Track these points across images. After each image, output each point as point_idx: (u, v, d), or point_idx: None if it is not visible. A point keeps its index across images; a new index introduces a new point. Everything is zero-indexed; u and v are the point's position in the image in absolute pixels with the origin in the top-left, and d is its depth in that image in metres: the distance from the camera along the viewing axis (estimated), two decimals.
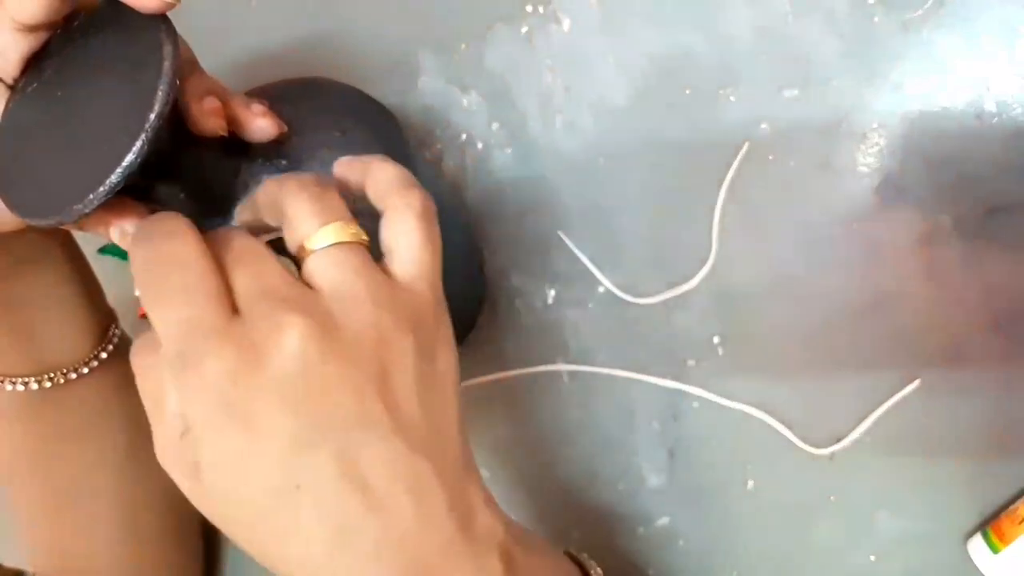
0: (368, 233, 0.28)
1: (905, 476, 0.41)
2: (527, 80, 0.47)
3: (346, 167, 0.30)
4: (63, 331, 0.41)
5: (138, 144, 0.26)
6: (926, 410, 0.40)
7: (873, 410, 0.41)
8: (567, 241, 0.46)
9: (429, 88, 0.49)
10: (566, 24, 0.46)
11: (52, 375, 0.40)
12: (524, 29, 0.47)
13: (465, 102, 0.48)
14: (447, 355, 0.28)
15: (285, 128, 0.33)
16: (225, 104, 0.32)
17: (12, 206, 0.28)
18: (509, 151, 0.48)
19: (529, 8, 0.46)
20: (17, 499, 0.45)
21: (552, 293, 0.47)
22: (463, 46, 0.48)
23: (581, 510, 0.47)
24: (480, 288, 0.48)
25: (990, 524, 0.39)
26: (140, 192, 0.30)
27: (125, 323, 0.45)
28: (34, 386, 0.40)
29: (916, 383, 0.41)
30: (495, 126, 0.48)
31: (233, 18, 0.55)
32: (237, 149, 0.33)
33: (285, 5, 0.53)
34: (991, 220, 0.39)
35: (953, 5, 0.39)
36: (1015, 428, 0.39)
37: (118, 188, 0.26)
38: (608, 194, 0.45)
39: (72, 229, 0.32)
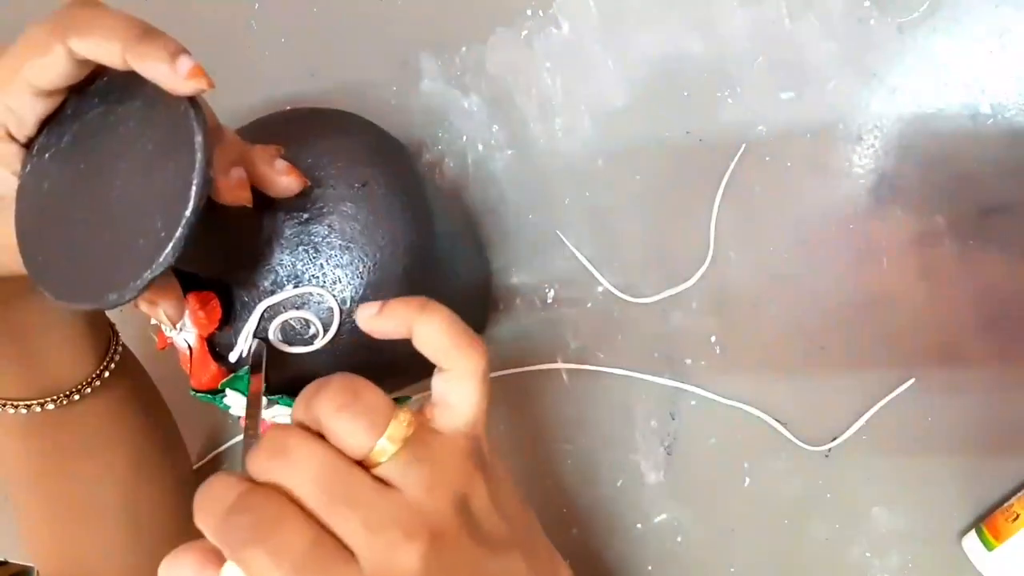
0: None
1: (900, 473, 0.41)
2: (527, 82, 0.47)
3: (391, 312, 0.29)
4: (65, 353, 0.41)
5: (174, 241, 0.26)
6: (921, 408, 0.41)
7: (868, 408, 0.42)
8: (566, 241, 0.47)
9: (430, 90, 0.50)
10: (566, 27, 0.46)
11: (55, 397, 0.40)
12: (524, 32, 0.47)
13: (466, 104, 0.49)
14: (497, 478, 0.29)
15: (308, 183, 0.33)
16: (248, 164, 0.32)
17: (42, 285, 0.28)
18: (509, 152, 0.48)
19: (529, 12, 0.47)
20: (21, 516, 0.45)
21: (551, 292, 0.47)
22: (464, 49, 0.49)
23: (580, 507, 0.47)
24: (489, 293, 0.48)
25: (984, 521, 0.39)
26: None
27: (126, 337, 0.45)
28: (37, 409, 0.40)
29: (911, 382, 0.41)
30: (495, 128, 0.48)
31: (236, 19, 0.55)
32: (259, 203, 0.32)
33: (288, 9, 0.54)
34: (985, 221, 0.40)
35: (948, 8, 0.40)
36: (1009, 426, 0.40)
37: (155, 281, 0.26)
38: (607, 195, 0.46)
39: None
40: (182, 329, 0.35)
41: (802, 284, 0.43)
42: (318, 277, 0.34)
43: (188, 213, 0.26)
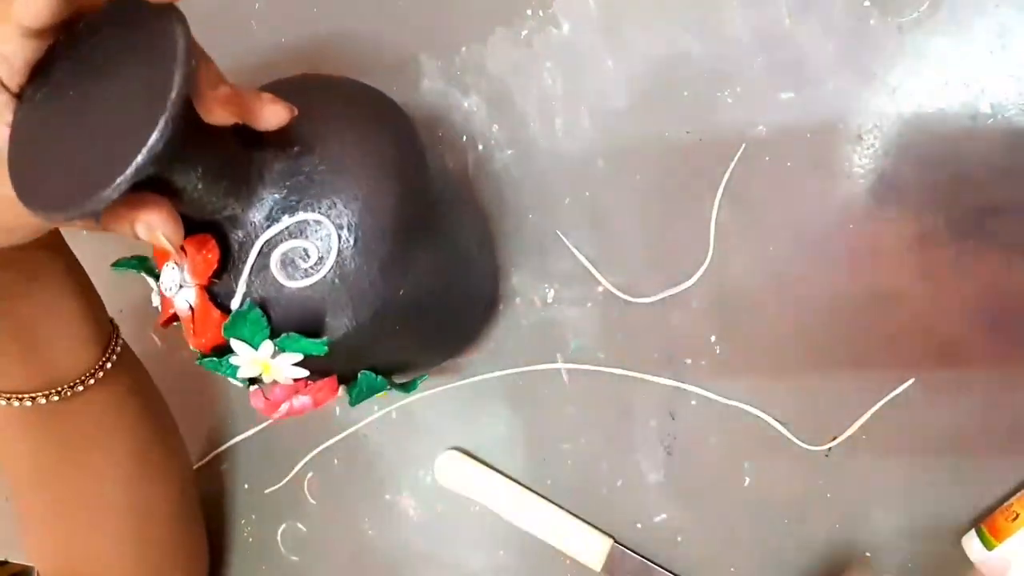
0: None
1: (900, 473, 0.41)
2: (527, 82, 0.47)
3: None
4: (66, 346, 0.41)
5: (160, 124, 0.25)
6: (920, 408, 0.41)
7: (868, 408, 0.42)
8: (566, 241, 0.47)
9: (430, 90, 0.50)
10: (566, 27, 0.46)
11: (58, 389, 0.40)
12: (524, 32, 0.47)
13: (466, 104, 0.49)
14: None
15: (296, 111, 0.33)
16: (235, 93, 0.32)
17: (36, 207, 0.28)
18: (509, 152, 0.48)
19: (529, 12, 0.47)
20: (23, 511, 0.45)
21: (551, 292, 0.47)
22: (464, 49, 0.49)
23: (580, 506, 0.47)
24: (495, 282, 0.49)
25: (984, 521, 0.39)
26: (158, 185, 0.30)
27: (126, 333, 0.45)
28: (42, 401, 0.40)
29: (910, 382, 0.41)
30: (495, 128, 0.48)
31: (236, 22, 0.56)
32: (249, 139, 0.33)
33: (288, 9, 0.54)
34: (985, 220, 0.40)
35: (948, 8, 0.40)
36: (1009, 426, 0.40)
37: (145, 170, 0.26)
38: (606, 195, 0.46)
39: (97, 230, 0.32)
40: (182, 287, 0.35)
41: (802, 284, 0.43)
42: (312, 205, 0.33)
43: (172, 95, 0.26)
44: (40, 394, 0.40)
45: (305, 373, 0.36)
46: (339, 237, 0.33)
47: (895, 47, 0.40)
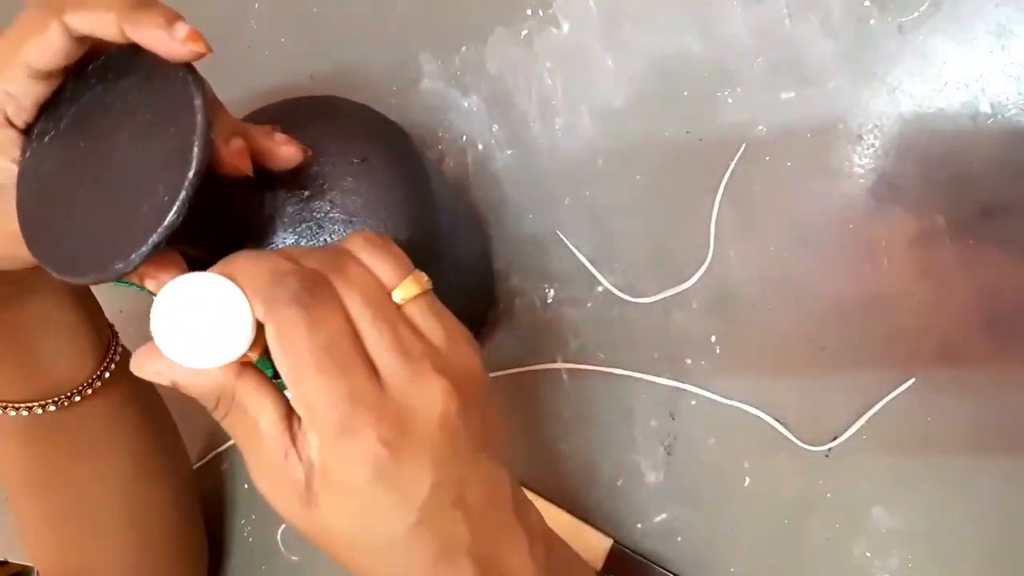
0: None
1: (900, 473, 0.41)
2: (527, 82, 0.47)
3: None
4: (65, 354, 0.41)
5: (178, 203, 0.26)
6: (920, 408, 0.41)
7: (868, 408, 0.42)
8: (566, 241, 0.47)
9: (430, 90, 0.50)
10: (565, 27, 0.46)
11: (55, 400, 0.40)
12: (524, 32, 0.47)
13: (466, 104, 0.49)
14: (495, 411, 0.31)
15: (309, 152, 0.33)
16: (247, 138, 0.31)
17: (49, 265, 0.28)
18: (509, 152, 0.48)
19: (529, 11, 0.47)
20: (22, 520, 0.45)
21: (551, 292, 0.47)
22: (464, 49, 0.49)
23: (580, 506, 0.47)
24: (492, 287, 0.48)
25: None
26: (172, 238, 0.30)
27: (125, 339, 0.45)
28: (38, 411, 0.40)
29: (911, 381, 0.41)
30: (495, 128, 0.48)
31: (235, 20, 0.56)
32: (260, 183, 0.33)
33: (288, 10, 0.54)
34: (985, 220, 0.40)
35: (948, 8, 0.40)
36: (1008, 425, 0.40)
37: (161, 246, 0.26)
38: (606, 195, 0.46)
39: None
40: None
41: (802, 284, 0.43)
42: None
43: (191, 174, 0.26)
44: (37, 404, 0.40)
45: None
46: None
47: (895, 47, 0.40)
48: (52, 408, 0.40)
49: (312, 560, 0.54)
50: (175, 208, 0.26)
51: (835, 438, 0.42)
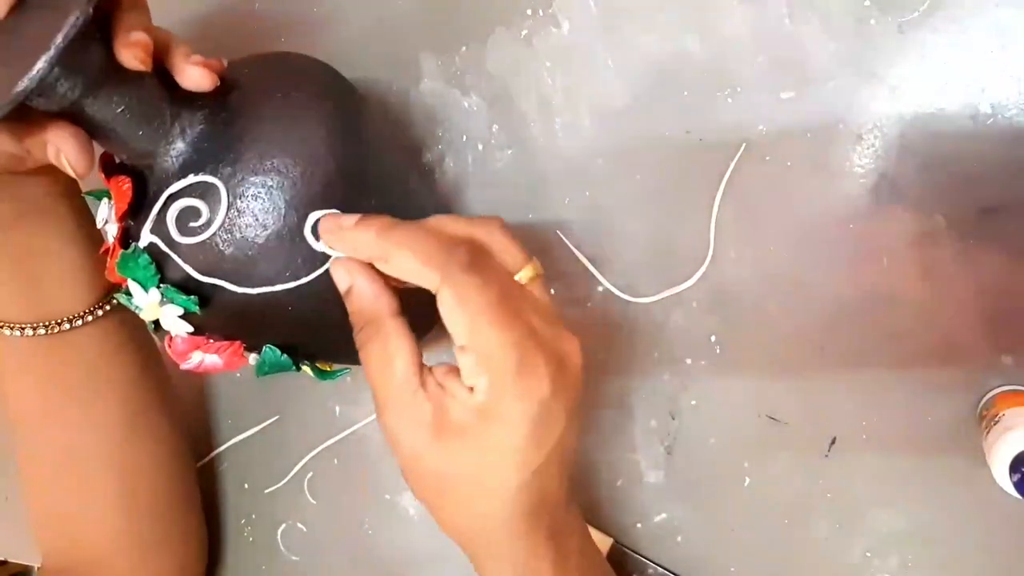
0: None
1: (900, 473, 0.41)
2: (527, 82, 0.47)
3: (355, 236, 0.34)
4: (64, 282, 0.43)
5: (49, 52, 0.29)
6: (921, 408, 0.41)
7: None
8: (566, 241, 0.47)
9: (430, 90, 0.50)
10: (565, 27, 0.46)
11: (48, 323, 0.42)
12: (524, 32, 0.47)
13: (466, 104, 0.49)
14: (576, 423, 0.34)
15: (218, 82, 0.35)
16: (162, 46, 0.34)
17: None
18: (509, 152, 0.48)
19: (529, 11, 0.47)
20: (23, 456, 0.46)
21: (551, 292, 0.47)
22: (464, 49, 0.49)
23: (580, 506, 0.47)
24: None
25: None
26: (79, 119, 0.34)
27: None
28: (29, 332, 0.42)
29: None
30: (495, 128, 0.48)
31: (235, 22, 0.56)
32: (180, 95, 0.35)
33: (288, 9, 0.54)
34: (985, 220, 0.40)
35: (948, 8, 0.40)
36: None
37: (29, 90, 0.29)
38: (607, 195, 0.46)
39: (20, 151, 0.35)
40: (106, 223, 0.38)
41: (802, 284, 0.43)
42: (217, 170, 0.35)
43: (65, 26, 0.29)
44: (31, 325, 0.42)
45: (189, 328, 0.37)
46: (228, 205, 0.35)
47: (895, 47, 0.40)
48: (42, 332, 0.42)
49: (313, 559, 0.54)
50: (44, 58, 0.29)
51: (835, 438, 0.42)
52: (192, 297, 0.36)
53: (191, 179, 0.35)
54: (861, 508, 0.42)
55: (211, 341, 0.39)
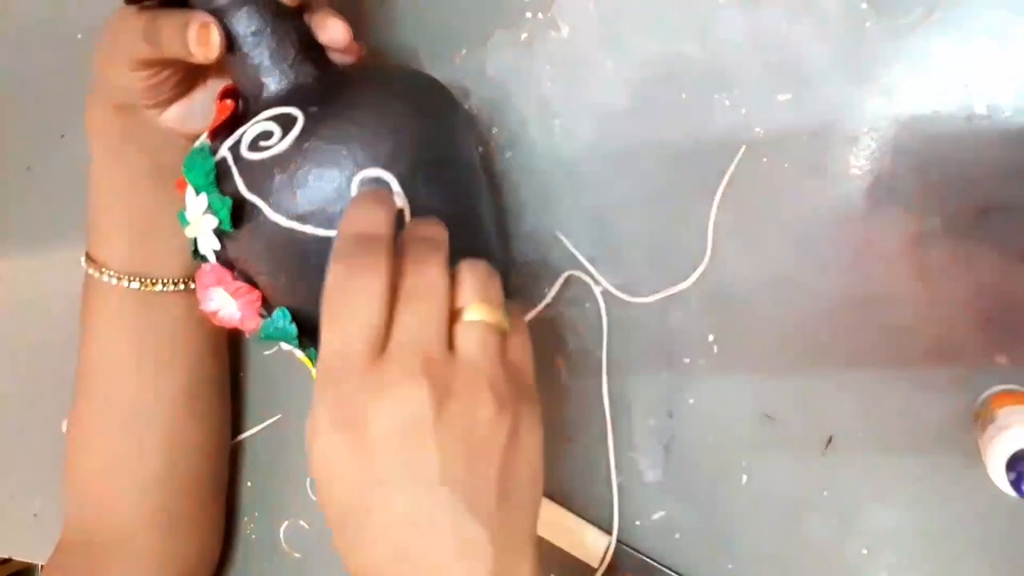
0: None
1: (899, 473, 0.42)
2: (526, 85, 0.47)
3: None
4: (170, 247, 0.45)
5: None
6: (917, 406, 0.41)
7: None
8: (565, 242, 0.47)
9: None
10: (565, 30, 0.47)
11: (146, 280, 0.45)
12: (524, 35, 0.47)
13: (465, 106, 0.49)
14: (534, 436, 0.31)
15: (350, 39, 0.39)
16: (312, 2, 0.39)
17: None
18: (508, 155, 0.48)
19: (528, 15, 0.47)
20: (81, 407, 0.48)
21: (551, 292, 0.48)
22: (463, 52, 0.49)
23: (579, 504, 0.48)
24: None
25: None
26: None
27: None
28: (126, 283, 0.45)
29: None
30: (495, 130, 0.49)
31: None
32: (310, 49, 0.39)
33: None
34: (981, 221, 0.40)
35: (944, 10, 0.40)
36: None
37: None
38: (606, 196, 0.46)
39: (156, 47, 0.38)
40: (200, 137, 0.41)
41: (800, 284, 0.43)
42: (307, 111, 0.37)
43: None
44: (128, 277, 0.45)
45: (217, 246, 0.38)
46: (299, 135, 0.36)
47: (892, 49, 0.41)
48: (136, 285, 0.45)
49: (315, 557, 0.55)
50: None
51: (832, 436, 0.43)
52: (229, 207, 0.36)
53: (280, 109, 0.37)
54: (858, 506, 0.42)
55: (234, 280, 0.39)
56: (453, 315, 0.30)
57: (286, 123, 0.36)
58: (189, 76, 0.42)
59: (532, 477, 0.31)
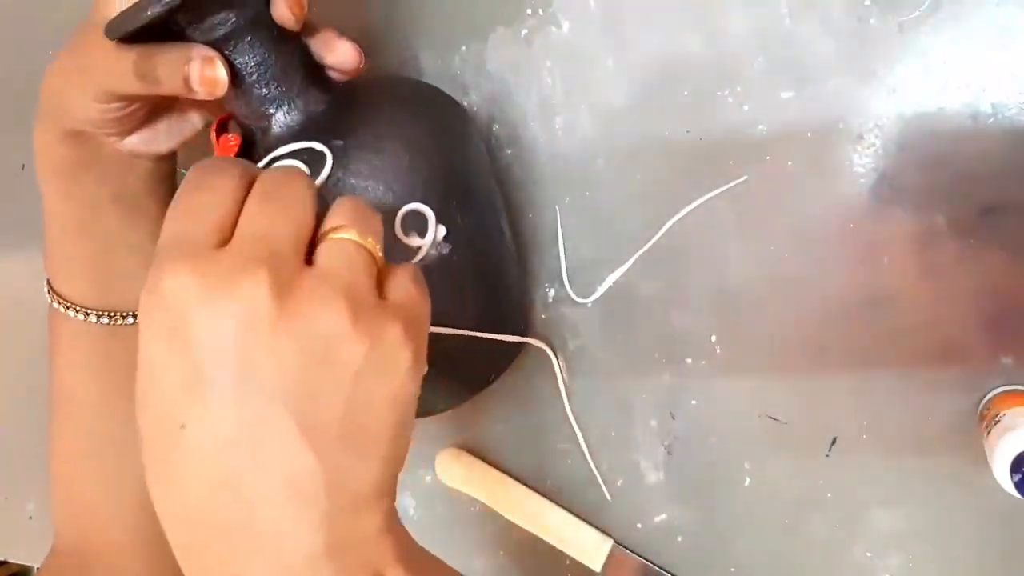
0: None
1: (900, 473, 0.41)
2: (527, 82, 0.47)
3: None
4: (137, 279, 0.41)
5: None
6: (921, 408, 0.41)
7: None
8: (566, 241, 0.47)
9: None
10: (566, 26, 0.46)
11: (114, 314, 0.42)
12: (524, 31, 0.47)
13: (466, 103, 0.49)
14: (398, 380, 0.26)
15: (362, 63, 0.38)
16: (314, 26, 0.36)
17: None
18: (509, 152, 0.48)
19: (529, 11, 0.47)
20: (58, 436, 0.46)
21: (551, 292, 0.47)
22: (464, 48, 0.49)
23: (580, 506, 0.47)
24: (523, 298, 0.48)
25: None
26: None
27: None
28: (93, 319, 0.41)
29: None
30: (495, 127, 0.48)
31: None
32: (315, 76, 0.37)
33: None
34: (986, 220, 0.40)
35: (948, 7, 0.39)
36: None
37: (156, 16, 0.31)
38: (606, 194, 0.46)
39: (150, 84, 0.35)
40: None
41: (802, 284, 0.43)
42: (332, 145, 0.35)
43: None
44: (96, 312, 0.41)
45: None
46: (329, 174, 0.35)
47: (896, 46, 0.40)
48: (105, 321, 0.42)
49: None
50: None
51: (835, 438, 0.42)
52: None
53: (300, 144, 0.35)
54: (862, 508, 0.42)
55: None
56: (319, 238, 0.27)
57: (312, 160, 0.35)
58: (160, 105, 0.39)
59: (395, 421, 0.26)
